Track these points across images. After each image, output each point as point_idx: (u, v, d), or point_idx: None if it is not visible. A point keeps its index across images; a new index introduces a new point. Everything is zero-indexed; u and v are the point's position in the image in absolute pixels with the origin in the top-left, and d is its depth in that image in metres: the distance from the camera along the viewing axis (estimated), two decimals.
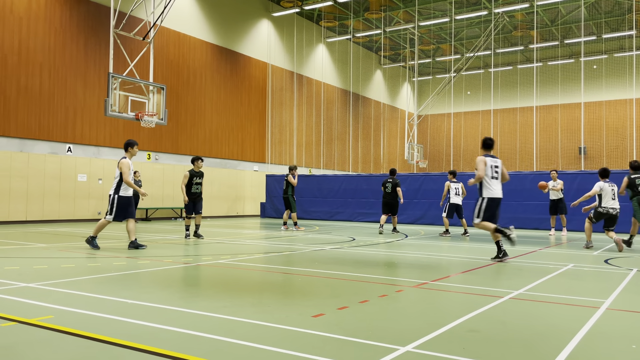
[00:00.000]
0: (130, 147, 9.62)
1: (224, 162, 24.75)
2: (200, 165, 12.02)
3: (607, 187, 10.48)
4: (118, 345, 3.44)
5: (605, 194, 10.44)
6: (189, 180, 11.79)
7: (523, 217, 17.41)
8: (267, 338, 3.65)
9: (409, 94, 41.02)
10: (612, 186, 10.52)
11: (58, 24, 18.19)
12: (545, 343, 3.66)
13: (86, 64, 18.99)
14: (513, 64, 37.32)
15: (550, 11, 30.03)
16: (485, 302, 4.97)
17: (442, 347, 3.47)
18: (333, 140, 33.13)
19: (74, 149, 18.57)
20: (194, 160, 12.08)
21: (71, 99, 18.49)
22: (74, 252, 8.93)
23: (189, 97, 22.94)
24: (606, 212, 10.39)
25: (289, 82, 29.41)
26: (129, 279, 6.19)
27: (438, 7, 29.61)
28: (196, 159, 12.06)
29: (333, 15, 30.66)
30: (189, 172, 11.86)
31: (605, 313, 4.58)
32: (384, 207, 14.72)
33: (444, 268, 7.45)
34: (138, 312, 4.42)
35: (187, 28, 23.10)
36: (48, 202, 17.69)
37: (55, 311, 4.40)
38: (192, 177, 11.81)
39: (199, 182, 11.93)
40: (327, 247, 10.43)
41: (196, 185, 11.88)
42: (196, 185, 11.88)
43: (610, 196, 10.41)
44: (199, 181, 11.93)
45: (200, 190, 11.97)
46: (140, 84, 15.65)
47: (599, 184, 10.53)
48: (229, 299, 5.13)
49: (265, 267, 7.37)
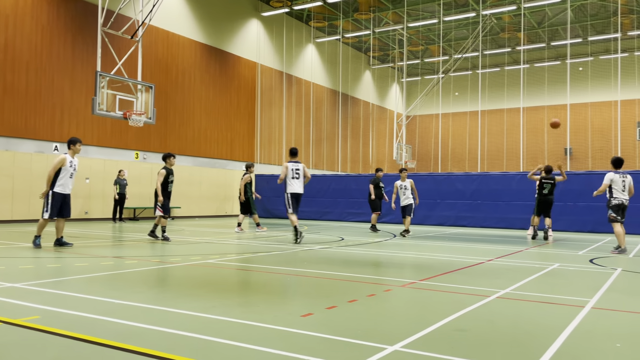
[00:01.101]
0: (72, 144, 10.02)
1: (212, 162, 24.66)
2: (173, 162, 11.25)
3: (617, 178, 9.94)
4: (105, 346, 3.42)
5: (616, 185, 9.92)
6: (165, 178, 11.03)
7: (510, 217, 17.56)
8: (255, 338, 3.65)
9: (397, 95, 41.17)
10: (623, 177, 9.95)
11: (45, 21, 18.01)
12: (532, 341, 3.71)
13: (73, 62, 18.81)
14: (500, 65, 37.62)
15: (537, 13, 30.32)
16: (472, 301, 5.01)
17: (430, 346, 3.50)
18: (322, 140, 33.15)
19: (61, 147, 18.39)
20: (168, 157, 11.21)
21: (58, 97, 18.31)
22: (61, 251, 8.85)
23: (177, 96, 22.82)
24: (621, 203, 9.88)
25: (278, 82, 29.38)
26: (116, 279, 6.16)
27: (427, 9, 29.75)
28: (169, 155, 11.22)
29: (322, 16, 30.69)
30: (164, 169, 11.05)
31: (590, 312, 4.65)
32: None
33: (431, 267, 7.50)
34: (125, 312, 4.40)
35: (176, 27, 22.98)
36: (34, 201, 17.50)
37: (42, 311, 4.36)
38: (169, 175, 11.07)
39: (172, 181, 11.24)
40: (316, 246, 10.45)
41: (171, 184, 11.24)
42: (171, 183, 11.23)
43: (621, 187, 9.92)
44: (173, 179, 11.26)
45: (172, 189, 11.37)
46: (128, 83, 15.54)
47: (609, 175, 9.96)
48: (218, 299, 5.12)
49: (253, 267, 7.37)
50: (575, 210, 16.62)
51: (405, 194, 13.59)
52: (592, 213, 16.04)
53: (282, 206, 22.96)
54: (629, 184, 9.96)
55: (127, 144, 20.59)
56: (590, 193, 15.91)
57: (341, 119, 34.88)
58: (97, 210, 19.44)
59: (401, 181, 13.72)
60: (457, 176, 18.96)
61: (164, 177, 10.98)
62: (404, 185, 13.61)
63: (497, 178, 18.23)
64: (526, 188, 17.40)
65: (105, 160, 19.73)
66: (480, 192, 18.32)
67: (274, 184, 23.14)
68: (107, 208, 19.47)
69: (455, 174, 19.30)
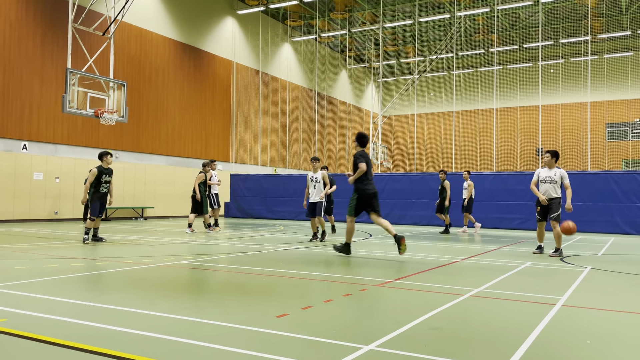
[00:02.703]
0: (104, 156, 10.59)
1: (187, 161, 24.39)
2: (110, 161, 10.66)
3: None
4: (73, 348, 3.33)
5: None
6: (96, 178, 10.41)
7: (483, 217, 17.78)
8: (230, 339, 3.60)
9: (373, 95, 41.39)
10: None
11: (13, 17, 17.53)
12: (505, 339, 3.75)
13: (43, 59, 18.37)
14: (474, 66, 38.14)
15: (510, 16, 30.83)
16: (446, 300, 5.05)
17: (404, 345, 3.50)
18: (298, 139, 33.10)
19: (30, 146, 17.94)
20: (103, 155, 10.63)
21: (27, 94, 17.85)
22: (30, 253, 8.62)
23: (150, 94, 22.49)
24: None
25: (254, 81, 29.21)
26: (87, 281, 6.02)
27: (402, 9, 29.97)
28: (105, 153, 10.65)
29: (299, 15, 30.64)
30: (96, 168, 10.47)
31: (561, 310, 4.73)
32: None
33: (407, 267, 7.54)
34: (96, 314, 4.30)
35: (149, 24, 22.65)
36: (2, 202, 17.03)
37: (9, 314, 4.23)
38: (101, 175, 10.46)
39: (108, 181, 10.60)
40: (292, 246, 10.41)
41: (105, 184, 10.55)
42: (105, 183, 10.55)
43: None
44: (109, 179, 10.59)
45: (108, 189, 10.66)
46: (99, 81, 15.25)
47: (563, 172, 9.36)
48: (191, 300, 5.05)
49: (228, 268, 7.30)
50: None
51: (316, 188, 11.44)
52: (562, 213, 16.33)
53: (258, 206, 22.97)
54: None
55: (98, 142, 20.20)
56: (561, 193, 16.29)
57: (317, 119, 34.89)
58: (68, 210, 19.03)
59: (313, 172, 11.61)
60: (432, 176, 19.12)
61: (95, 176, 10.40)
62: (315, 177, 11.51)
63: (471, 178, 18.43)
64: (498, 188, 17.68)
65: (76, 159, 19.33)
66: (454, 191, 18.48)
67: (250, 183, 23.01)
68: (78, 208, 19.07)
69: (430, 174, 19.47)
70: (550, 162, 9.33)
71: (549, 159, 9.33)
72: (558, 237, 9.12)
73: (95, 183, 10.45)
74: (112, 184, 10.74)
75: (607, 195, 16.18)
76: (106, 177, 10.52)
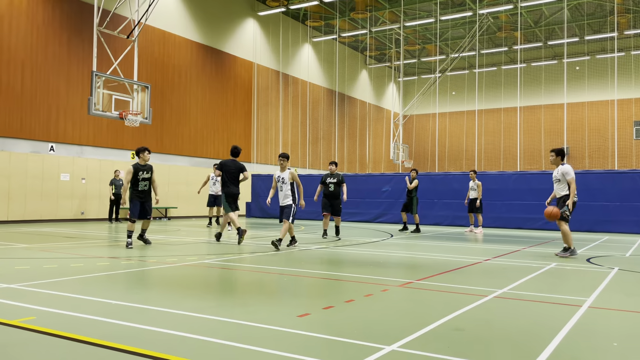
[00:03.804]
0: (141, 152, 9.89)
1: (209, 162, 24.61)
2: (147, 158, 9.88)
3: None
4: (101, 347, 3.40)
5: None
6: (133, 175, 9.66)
7: (507, 217, 17.57)
8: (252, 338, 3.63)
9: (394, 94, 41.18)
10: None
11: (40, 21, 17.93)
12: (529, 341, 3.70)
13: (69, 62, 18.74)
14: (497, 64, 37.67)
15: (533, 13, 30.36)
16: (469, 301, 5.00)
17: (427, 346, 3.49)
18: (319, 139, 33.13)
19: (57, 148, 18.32)
20: (140, 151, 9.91)
21: (54, 97, 18.24)
22: (57, 252, 8.81)
23: (173, 96, 22.77)
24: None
25: (274, 82, 29.34)
26: (112, 280, 6.13)
27: (423, 8, 29.76)
28: (142, 149, 9.91)
29: (319, 15, 30.67)
30: (132, 166, 9.75)
31: (588, 311, 4.65)
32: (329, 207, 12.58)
33: (429, 267, 7.49)
34: (121, 312, 4.38)
35: (172, 26, 22.93)
36: (30, 202, 17.44)
37: (38, 312, 4.34)
38: (138, 172, 9.69)
39: (147, 178, 9.82)
40: (312, 246, 10.43)
41: (144, 182, 9.79)
42: (143, 181, 9.79)
43: None
44: (147, 176, 9.82)
45: (148, 187, 9.90)
46: (124, 83, 15.50)
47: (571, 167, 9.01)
48: (214, 299, 5.10)
49: (250, 267, 7.35)
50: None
51: (282, 190, 9.97)
52: (588, 212, 16.07)
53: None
54: None
55: (123, 144, 20.54)
56: (587, 193, 16.02)
57: (338, 119, 34.87)
58: (94, 210, 19.38)
59: (280, 171, 10.05)
60: (454, 176, 18.96)
61: (131, 174, 9.64)
62: (282, 178, 9.99)
63: (494, 177, 18.24)
64: (522, 188, 17.43)
65: (102, 161, 19.68)
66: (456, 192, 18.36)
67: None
68: (103, 208, 19.41)
69: (452, 174, 19.30)
70: (555, 160, 9.02)
71: (554, 158, 9.03)
72: (564, 236, 8.91)
73: (133, 182, 9.70)
74: (155, 181, 10.07)
75: (635, 195, 15.81)
76: (144, 174, 9.76)
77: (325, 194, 12.49)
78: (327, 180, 12.44)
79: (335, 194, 12.38)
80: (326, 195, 12.46)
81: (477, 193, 15.10)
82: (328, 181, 12.42)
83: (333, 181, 12.38)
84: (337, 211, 12.47)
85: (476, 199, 15.11)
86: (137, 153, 9.95)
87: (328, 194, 12.43)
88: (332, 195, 12.37)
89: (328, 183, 12.40)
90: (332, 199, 12.37)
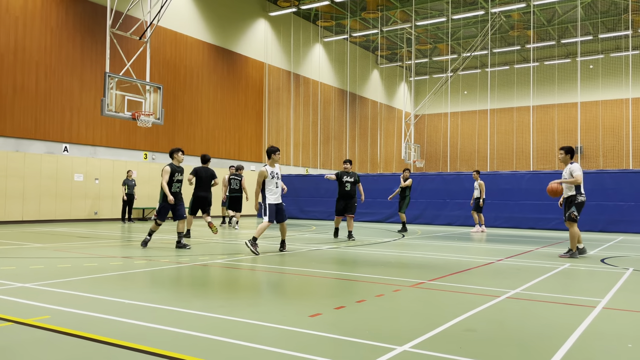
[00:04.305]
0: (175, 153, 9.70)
1: (220, 162, 24.71)
2: (181, 159, 9.70)
3: None
4: (114, 345, 3.43)
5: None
6: (170, 176, 9.43)
7: (519, 217, 17.44)
8: (263, 338, 3.64)
9: (405, 94, 41.04)
10: None
11: (54, 23, 18.13)
12: (542, 342, 3.67)
13: (82, 63, 18.93)
14: (510, 63, 37.38)
15: (546, 11, 30.10)
16: (482, 301, 4.97)
17: (439, 347, 3.47)
18: (330, 139, 33.13)
19: (71, 148, 18.51)
20: (174, 152, 9.65)
21: (67, 98, 18.44)
22: (71, 252, 8.90)
23: (185, 96, 22.90)
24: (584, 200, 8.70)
25: (286, 82, 29.39)
26: (125, 279, 6.18)
27: (435, 7, 29.63)
28: (176, 150, 9.69)
29: (330, 15, 30.66)
30: (169, 166, 9.47)
31: (602, 312, 4.59)
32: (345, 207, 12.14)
33: (440, 268, 7.46)
34: (134, 312, 4.41)
35: (184, 27, 23.06)
36: (44, 202, 17.64)
37: (52, 311, 4.38)
38: (174, 173, 9.50)
39: (180, 180, 9.66)
40: (324, 246, 10.43)
41: (177, 184, 9.58)
42: (177, 182, 9.57)
43: None
44: (180, 178, 9.65)
45: (180, 189, 9.71)
46: (136, 84, 15.61)
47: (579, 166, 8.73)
48: (226, 298, 5.12)
49: (261, 267, 7.37)
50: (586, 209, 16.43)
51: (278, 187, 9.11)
52: (602, 212, 15.90)
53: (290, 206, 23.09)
54: None
55: (135, 144, 20.70)
56: (601, 192, 15.86)
57: (349, 119, 34.84)
58: (107, 210, 19.56)
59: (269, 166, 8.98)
60: (466, 175, 18.85)
61: (169, 175, 9.41)
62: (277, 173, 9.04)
63: (507, 177, 18.11)
64: (535, 187, 17.28)
65: (115, 161, 19.85)
66: (489, 191, 18.19)
67: None
68: (116, 208, 19.58)
69: (464, 174, 19.19)
70: (564, 158, 8.81)
71: (563, 156, 8.82)
72: (571, 238, 8.67)
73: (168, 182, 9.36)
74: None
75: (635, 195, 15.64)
76: (178, 175, 9.56)
77: (341, 194, 11.98)
78: (344, 179, 11.98)
79: (352, 193, 11.98)
80: (342, 196, 11.97)
81: (479, 192, 15.20)
82: (345, 180, 11.96)
83: (350, 180, 11.98)
84: (352, 209, 11.98)
85: (478, 198, 15.20)
86: (170, 154, 9.73)
87: (344, 194, 11.94)
88: (348, 195, 11.94)
89: (345, 182, 11.95)
90: (348, 198, 11.94)
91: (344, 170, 12.18)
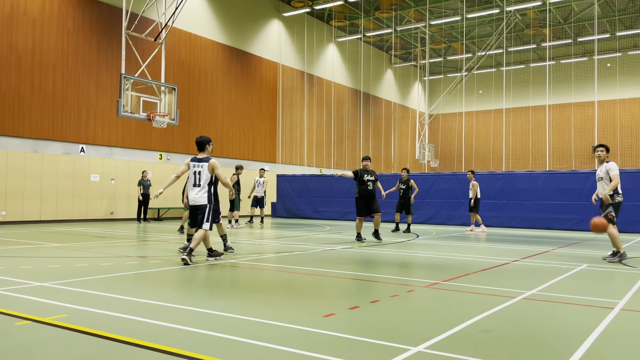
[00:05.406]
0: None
1: (235, 162, 24.82)
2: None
3: None
4: (131, 344, 3.46)
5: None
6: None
7: (536, 217, 17.26)
8: (278, 337, 3.65)
9: (420, 93, 40.86)
10: None
11: (71, 25, 18.36)
12: (559, 343, 3.63)
13: (98, 65, 19.14)
14: (525, 62, 37.01)
15: (562, 9, 29.75)
16: (497, 302, 4.93)
17: (454, 348, 3.45)
18: (344, 139, 33.10)
19: (87, 149, 18.73)
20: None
21: (84, 99, 18.66)
22: (87, 251, 9.00)
23: (200, 97, 23.04)
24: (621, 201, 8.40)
25: (299, 82, 29.42)
26: (141, 279, 6.23)
27: (449, 6, 29.45)
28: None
29: (343, 15, 30.63)
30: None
31: (620, 314, 4.53)
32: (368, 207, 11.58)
33: (455, 268, 7.41)
34: (151, 311, 4.45)
35: (198, 29, 23.20)
36: (61, 202, 17.87)
37: (69, 310, 4.44)
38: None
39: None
40: (338, 246, 10.42)
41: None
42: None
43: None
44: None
45: None
46: (152, 85, 15.75)
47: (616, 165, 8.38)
48: (241, 298, 5.14)
49: (276, 267, 7.38)
50: None
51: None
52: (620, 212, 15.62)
53: (304, 206, 23.14)
54: None
55: (151, 145, 20.88)
56: None
57: (363, 119, 34.77)
58: (122, 210, 19.75)
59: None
60: (482, 175, 18.70)
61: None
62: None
63: (523, 177, 17.94)
64: (551, 187, 17.09)
65: (130, 162, 20.04)
66: (505, 191, 18.06)
67: (296, 183, 23.21)
68: (132, 208, 19.76)
69: (480, 173, 19.04)
70: (604, 156, 8.42)
71: (603, 154, 8.39)
72: (612, 239, 8.30)
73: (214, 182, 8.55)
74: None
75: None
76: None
77: (362, 194, 11.27)
78: (365, 178, 11.24)
79: (373, 192, 11.33)
80: (362, 196, 11.27)
81: (472, 193, 15.23)
82: (366, 179, 11.23)
83: (371, 179, 11.29)
84: (377, 209, 11.31)
85: (471, 199, 15.24)
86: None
87: (367, 193, 11.24)
88: (370, 195, 11.26)
89: (367, 181, 11.22)
90: (369, 198, 11.27)
91: (363, 168, 11.50)
